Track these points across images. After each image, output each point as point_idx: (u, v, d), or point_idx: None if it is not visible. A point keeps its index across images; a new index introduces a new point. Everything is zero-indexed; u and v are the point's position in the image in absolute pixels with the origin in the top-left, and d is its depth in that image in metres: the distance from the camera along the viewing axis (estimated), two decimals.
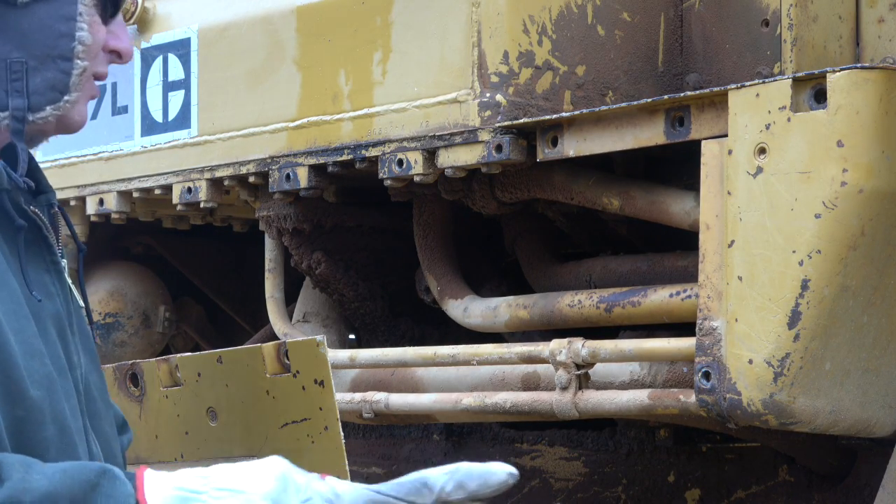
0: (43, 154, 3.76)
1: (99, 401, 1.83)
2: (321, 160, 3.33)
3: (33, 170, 1.82)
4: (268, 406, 2.03)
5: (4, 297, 1.64)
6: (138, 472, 1.59)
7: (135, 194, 3.84)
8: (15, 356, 1.62)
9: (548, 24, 3.08)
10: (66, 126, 1.80)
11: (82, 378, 1.76)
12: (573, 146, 2.92)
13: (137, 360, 2.34)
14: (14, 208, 1.70)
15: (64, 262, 1.78)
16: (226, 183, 3.61)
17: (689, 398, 2.73)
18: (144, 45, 3.72)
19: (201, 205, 3.65)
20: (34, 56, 1.72)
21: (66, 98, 1.74)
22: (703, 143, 2.67)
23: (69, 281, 1.80)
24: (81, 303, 1.84)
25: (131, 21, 3.67)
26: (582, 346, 2.92)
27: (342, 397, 3.33)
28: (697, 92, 2.75)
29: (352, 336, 3.99)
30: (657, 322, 3.00)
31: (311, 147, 3.36)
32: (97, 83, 1.83)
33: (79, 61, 1.74)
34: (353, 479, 2.00)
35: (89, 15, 1.74)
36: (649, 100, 2.79)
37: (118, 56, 1.83)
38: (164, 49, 3.67)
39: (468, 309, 3.38)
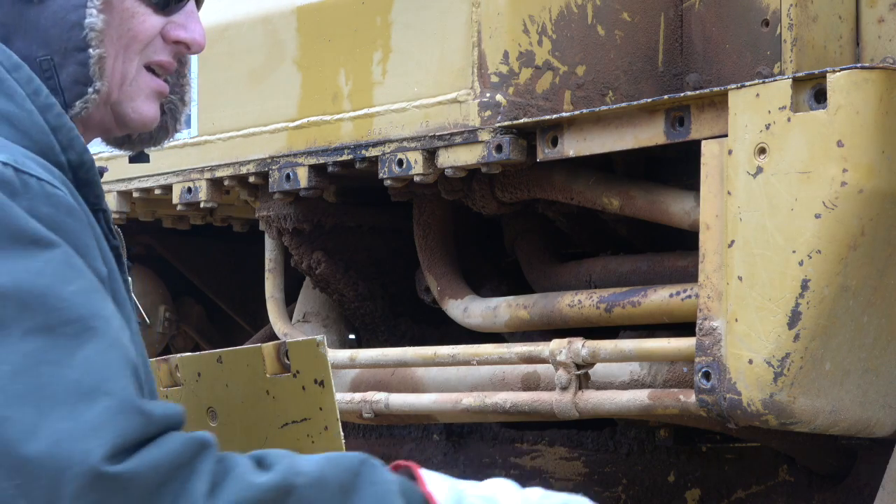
0: None
1: None
2: (321, 160, 3.33)
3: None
4: (268, 406, 2.03)
5: (129, 315, 1.68)
6: (413, 466, 1.61)
7: (135, 194, 3.84)
8: (151, 376, 1.70)
9: (548, 24, 3.08)
10: (125, 124, 1.77)
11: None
12: (573, 146, 2.92)
13: None
14: (108, 227, 1.71)
15: (130, 279, 1.79)
16: (226, 183, 3.61)
17: (689, 398, 2.73)
18: None
19: (201, 205, 3.65)
20: (56, 52, 1.70)
21: (90, 90, 1.71)
22: (703, 143, 2.67)
23: (133, 295, 1.80)
24: None
25: None
26: (582, 346, 2.92)
27: (342, 397, 3.33)
28: (697, 92, 2.75)
29: (352, 336, 3.99)
30: (657, 322, 3.00)
31: (311, 147, 3.36)
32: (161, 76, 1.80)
33: (92, 50, 1.70)
34: None
35: (101, 1, 1.70)
36: (649, 100, 2.79)
37: (186, 47, 1.80)
38: None
39: (468, 309, 3.38)
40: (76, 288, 1.49)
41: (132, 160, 1.95)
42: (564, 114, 2.97)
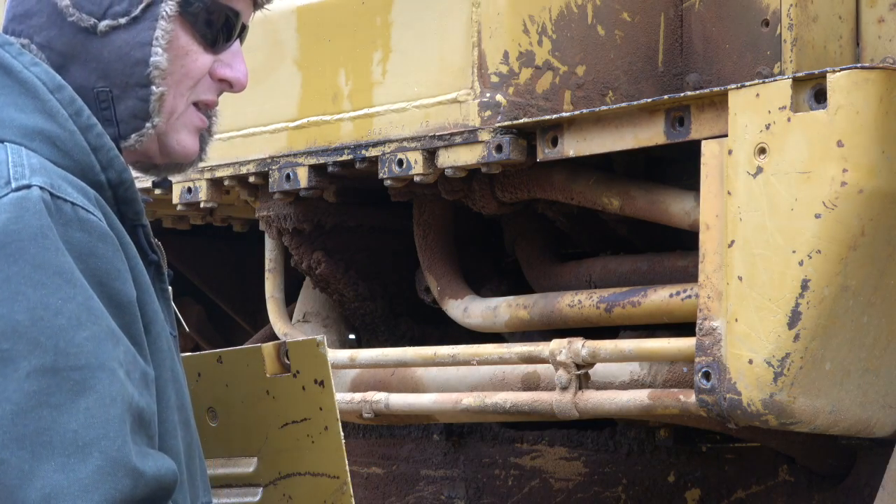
0: None
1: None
2: (321, 160, 3.33)
3: None
4: (268, 406, 2.03)
5: (159, 331, 1.69)
6: None
7: None
8: (184, 382, 1.73)
9: (548, 24, 3.08)
10: (168, 155, 1.80)
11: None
12: (573, 146, 2.92)
13: None
14: (147, 242, 1.74)
15: (169, 288, 1.81)
16: (226, 183, 3.61)
17: (689, 398, 2.73)
18: None
19: (201, 205, 3.65)
20: (116, 84, 1.73)
21: (148, 125, 1.74)
22: (703, 143, 2.67)
23: (174, 306, 1.83)
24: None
25: None
26: (582, 346, 2.92)
27: (342, 397, 3.33)
28: (697, 92, 2.75)
29: (352, 336, 3.99)
30: (657, 322, 3.00)
31: (311, 147, 3.36)
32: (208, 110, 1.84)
33: (154, 87, 1.73)
34: (353, 479, 2.00)
35: (166, 40, 1.73)
36: (649, 100, 2.79)
37: (229, 85, 1.84)
38: None
39: (468, 309, 3.38)
40: (89, 334, 1.51)
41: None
42: (564, 114, 2.97)
